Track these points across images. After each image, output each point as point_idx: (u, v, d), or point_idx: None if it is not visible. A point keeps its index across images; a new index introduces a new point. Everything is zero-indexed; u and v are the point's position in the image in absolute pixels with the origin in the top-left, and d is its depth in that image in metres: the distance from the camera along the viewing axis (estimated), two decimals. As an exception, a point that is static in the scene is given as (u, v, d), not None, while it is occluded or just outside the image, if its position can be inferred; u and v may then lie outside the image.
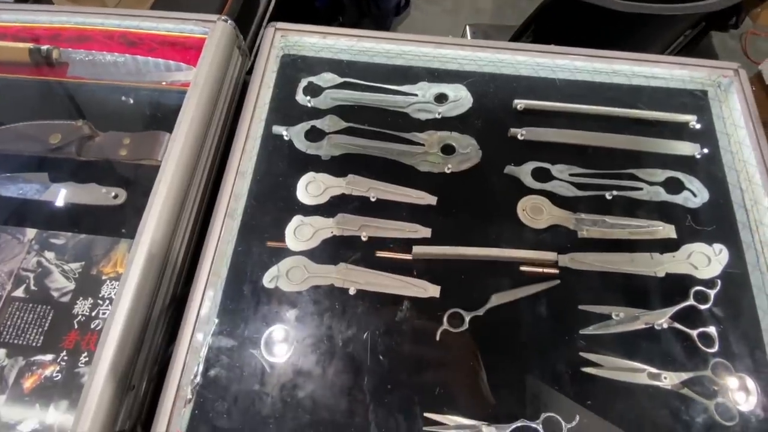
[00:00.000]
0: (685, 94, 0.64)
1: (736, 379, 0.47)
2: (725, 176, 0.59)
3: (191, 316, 0.44)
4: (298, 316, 0.50)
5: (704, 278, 0.53)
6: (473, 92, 0.64)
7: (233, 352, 0.47)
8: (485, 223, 0.56)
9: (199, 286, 0.45)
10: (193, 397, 0.45)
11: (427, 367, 0.49)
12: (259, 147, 0.59)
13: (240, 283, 0.51)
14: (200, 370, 0.45)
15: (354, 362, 0.48)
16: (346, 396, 0.47)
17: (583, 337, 0.50)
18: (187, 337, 0.43)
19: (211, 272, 0.46)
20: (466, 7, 2.30)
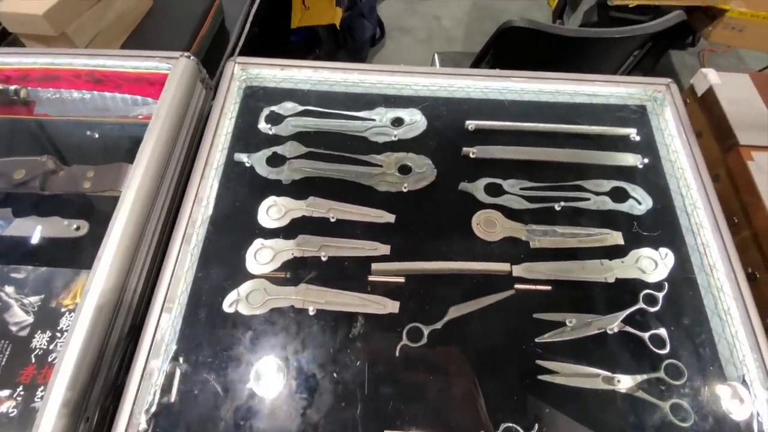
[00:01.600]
0: (626, 109, 0.68)
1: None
2: (667, 183, 0.61)
3: (145, 344, 0.43)
4: (257, 340, 0.49)
5: (652, 282, 0.54)
6: (428, 115, 0.66)
7: (191, 378, 0.46)
8: (442, 238, 0.57)
9: (154, 314, 0.44)
10: (149, 427, 0.44)
11: (387, 383, 0.48)
12: (221, 174, 0.59)
13: (200, 308, 0.51)
14: (156, 398, 0.44)
15: (312, 382, 0.47)
16: (304, 416, 0.45)
17: (538, 345, 0.50)
18: (140, 365, 0.42)
19: (166, 299, 0.45)
20: (438, 36, 2.39)
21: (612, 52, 1.05)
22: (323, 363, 0.48)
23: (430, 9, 2.44)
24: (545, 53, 1.01)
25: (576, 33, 0.91)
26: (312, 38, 1.93)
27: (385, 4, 2.45)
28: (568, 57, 1.03)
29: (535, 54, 1.02)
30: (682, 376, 0.49)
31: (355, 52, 2.09)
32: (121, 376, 0.48)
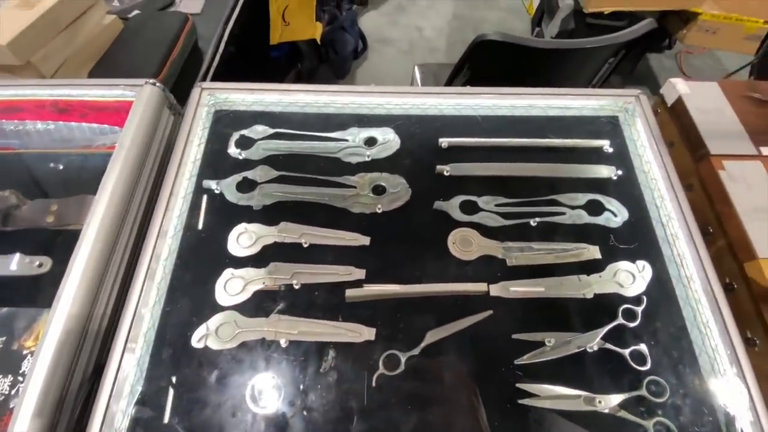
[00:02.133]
0: (598, 121, 0.67)
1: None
2: (642, 194, 0.61)
3: (106, 387, 0.41)
4: (226, 377, 0.47)
5: (631, 296, 0.53)
6: (401, 134, 0.65)
7: (157, 420, 0.44)
8: (418, 259, 0.56)
9: (115, 355, 0.42)
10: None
11: (364, 416, 0.46)
12: (189, 203, 0.58)
13: (167, 345, 0.48)
14: (120, 444, 0.42)
15: (283, 419, 0.45)
16: None
17: (518, 367, 0.49)
18: (101, 409, 0.40)
19: (128, 339, 0.44)
20: (420, 47, 2.41)
21: (586, 61, 1.06)
22: (294, 398, 0.46)
23: (411, 20, 2.46)
24: (521, 65, 1.01)
25: (548, 45, 0.92)
26: (293, 53, 1.93)
27: (366, 17, 2.47)
28: (544, 67, 1.04)
29: (510, 66, 1.02)
30: (664, 392, 0.48)
31: (338, 66, 2.09)
32: (85, 419, 0.46)
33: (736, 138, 0.57)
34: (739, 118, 0.59)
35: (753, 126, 0.58)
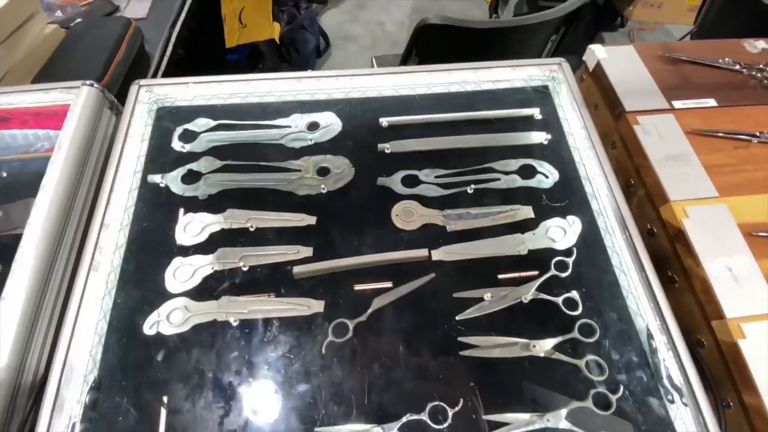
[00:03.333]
0: (529, 91, 0.71)
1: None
2: (571, 156, 0.64)
3: (53, 378, 0.42)
4: (179, 358, 0.48)
5: (562, 249, 0.57)
6: (343, 117, 0.67)
7: (112, 405, 0.45)
8: (363, 233, 0.58)
9: (61, 348, 0.43)
10: (71, 461, 0.42)
11: (315, 382, 0.48)
12: (136, 198, 0.58)
13: (120, 334, 0.50)
14: (76, 429, 0.43)
15: (234, 390, 0.47)
16: (239, 425, 0.45)
17: (460, 322, 0.52)
18: (50, 397, 0.41)
19: (75, 328, 0.44)
20: (382, 41, 2.43)
21: (529, 40, 1.10)
22: (246, 372, 0.48)
23: (372, 16, 2.47)
24: (465, 46, 1.04)
25: (486, 24, 0.95)
26: (254, 55, 1.92)
27: (327, 15, 2.47)
28: (488, 48, 1.07)
29: (455, 48, 1.05)
30: (594, 333, 0.51)
31: (301, 65, 2.09)
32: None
33: (650, 95, 0.61)
34: (652, 76, 0.62)
35: (666, 83, 0.62)
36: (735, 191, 0.53)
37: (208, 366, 0.48)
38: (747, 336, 0.43)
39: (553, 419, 0.46)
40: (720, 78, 0.64)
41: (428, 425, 0.45)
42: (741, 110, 0.60)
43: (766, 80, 0.63)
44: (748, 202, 0.52)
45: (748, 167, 0.55)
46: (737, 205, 0.51)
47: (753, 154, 0.56)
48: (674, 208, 0.51)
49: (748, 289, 0.46)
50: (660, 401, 0.47)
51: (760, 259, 0.48)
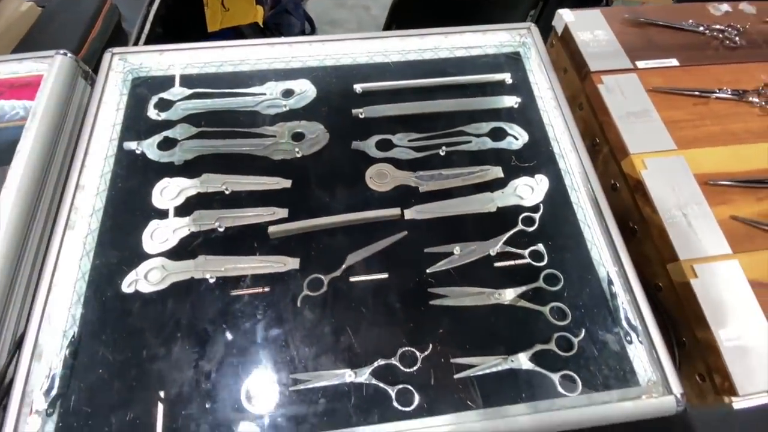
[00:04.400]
0: (501, 57, 0.72)
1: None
2: (541, 118, 0.66)
3: (32, 329, 0.43)
4: (157, 313, 0.50)
5: (530, 205, 0.58)
6: (317, 84, 0.67)
7: (93, 358, 0.47)
8: (338, 195, 0.59)
9: (39, 301, 0.44)
10: (54, 409, 0.44)
11: (290, 332, 0.50)
12: (112, 164, 0.59)
13: (99, 293, 0.51)
14: (56, 381, 0.44)
15: (224, 343, 0.48)
16: (220, 377, 0.47)
17: (430, 275, 0.54)
18: (27, 352, 0.42)
19: (52, 285, 0.45)
20: (368, 25, 2.40)
21: (507, 14, 1.10)
22: (224, 324, 0.49)
23: (358, 0, 2.45)
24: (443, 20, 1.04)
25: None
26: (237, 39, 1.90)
27: (313, 0, 2.44)
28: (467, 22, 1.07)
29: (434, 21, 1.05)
30: (558, 282, 0.53)
31: (286, 49, 2.08)
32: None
33: (615, 56, 0.62)
34: (618, 39, 0.64)
35: (630, 44, 0.64)
36: (693, 144, 0.54)
37: (186, 320, 0.49)
38: (699, 276, 0.46)
39: (517, 360, 0.48)
40: (683, 39, 0.65)
41: (399, 369, 0.47)
42: (702, 69, 0.61)
43: (728, 41, 0.65)
44: (705, 154, 0.54)
45: (707, 122, 0.57)
46: (694, 157, 0.53)
47: (712, 110, 0.58)
48: (634, 160, 0.53)
49: (701, 233, 0.48)
50: (619, 342, 0.49)
51: (714, 206, 0.50)
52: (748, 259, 0.47)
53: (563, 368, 0.47)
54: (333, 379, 0.46)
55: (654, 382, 0.44)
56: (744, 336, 0.43)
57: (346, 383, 0.46)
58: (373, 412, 0.45)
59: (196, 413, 0.43)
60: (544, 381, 0.47)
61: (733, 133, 0.56)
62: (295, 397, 0.46)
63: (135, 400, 0.44)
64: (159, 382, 0.46)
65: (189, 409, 0.43)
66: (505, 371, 0.47)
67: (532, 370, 0.47)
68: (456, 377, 0.47)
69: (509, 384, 0.47)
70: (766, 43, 0.65)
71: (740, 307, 0.45)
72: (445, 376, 0.47)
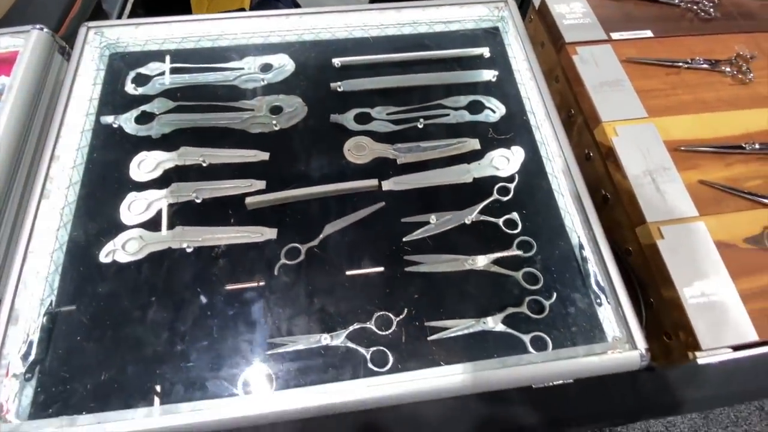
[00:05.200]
0: (480, 32, 0.72)
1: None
2: (518, 92, 0.66)
3: (8, 294, 0.43)
4: (135, 282, 0.50)
5: (505, 176, 0.59)
6: (296, 59, 0.67)
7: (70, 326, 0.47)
8: (316, 168, 0.59)
9: (15, 269, 0.44)
10: (33, 374, 0.44)
11: (268, 299, 0.50)
12: (90, 138, 0.59)
13: (76, 263, 0.51)
14: (33, 348, 0.44)
15: (200, 310, 0.49)
16: (196, 341, 0.47)
17: (407, 244, 0.54)
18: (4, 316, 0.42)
19: (26, 257, 0.45)
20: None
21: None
22: (200, 291, 0.49)
23: (346, -13, 2.43)
24: None
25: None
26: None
27: (300, -14, 2.42)
28: None
29: None
30: (531, 248, 0.54)
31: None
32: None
33: (590, 28, 0.62)
34: (594, 11, 0.64)
35: (606, 17, 0.64)
36: (664, 113, 0.55)
37: (162, 286, 0.50)
38: (665, 237, 0.47)
39: (490, 322, 0.49)
40: (658, 12, 0.65)
41: (374, 332, 0.48)
42: (676, 40, 0.62)
43: (702, 12, 0.65)
44: (676, 122, 0.54)
45: (678, 91, 0.57)
46: (665, 125, 0.54)
47: (684, 80, 0.59)
48: (605, 128, 0.53)
49: (669, 197, 0.49)
50: (590, 305, 0.50)
51: (683, 171, 0.51)
52: (715, 221, 0.48)
53: (534, 330, 0.48)
54: (309, 343, 0.47)
55: (619, 338, 0.45)
56: (708, 293, 0.44)
57: (322, 346, 0.47)
58: (347, 372, 0.46)
59: (170, 373, 0.44)
60: (516, 342, 0.48)
61: (705, 102, 0.57)
62: (271, 359, 0.46)
63: (111, 364, 0.45)
64: (135, 345, 0.46)
65: (164, 369, 0.44)
66: (478, 333, 0.48)
67: (504, 332, 0.48)
68: (430, 339, 0.48)
69: (481, 345, 0.48)
70: (741, 15, 0.66)
71: (705, 266, 0.46)
72: (419, 338, 0.48)
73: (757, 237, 0.48)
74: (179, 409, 0.40)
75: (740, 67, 0.59)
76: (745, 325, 0.44)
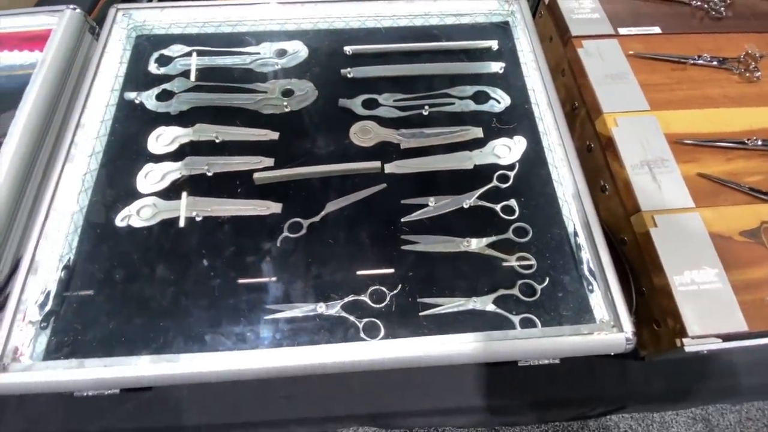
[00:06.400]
0: (490, 26, 0.73)
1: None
2: (524, 84, 0.67)
3: (30, 246, 0.47)
4: (148, 245, 0.53)
5: (506, 164, 0.60)
6: (310, 46, 0.70)
7: (86, 280, 0.50)
8: (322, 148, 0.61)
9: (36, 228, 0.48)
10: (48, 323, 0.48)
11: (268, 268, 0.53)
12: (113, 112, 0.63)
13: (95, 226, 0.54)
14: (50, 300, 0.48)
15: (205, 272, 0.51)
16: (199, 300, 0.50)
17: (405, 224, 0.56)
18: (23, 271, 0.46)
19: (49, 213, 0.49)
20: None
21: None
22: (206, 257, 0.52)
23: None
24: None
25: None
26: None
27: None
28: None
29: None
30: (527, 234, 0.55)
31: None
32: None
33: (598, 23, 0.63)
34: (602, 6, 0.65)
35: (615, 13, 0.64)
36: (667, 106, 0.55)
37: (172, 251, 0.53)
38: (659, 225, 0.47)
39: (481, 302, 0.50)
40: (668, 9, 0.66)
41: (368, 304, 0.50)
42: (684, 37, 0.62)
43: (713, 11, 0.65)
44: (678, 116, 0.55)
45: (683, 86, 0.57)
46: (666, 118, 0.54)
47: (689, 75, 0.59)
48: (606, 119, 0.54)
49: (666, 188, 0.49)
50: (581, 290, 0.51)
51: (682, 163, 0.51)
52: (711, 213, 0.48)
53: (524, 312, 0.49)
54: (305, 311, 0.49)
55: (606, 321, 0.45)
56: (698, 282, 0.45)
57: (318, 314, 0.49)
58: (339, 339, 0.48)
59: (173, 327, 0.47)
60: (505, 322, 0.49)
61: (710, 98, 0.57)
62: (268, 322, 0.49)
63: (121, 317, 0.48)
64: (142, 300, 0.49)
65: (167, 323, 0.47)
66: (468, 311, 0.50)
67: (494, 312, 0.50)
68: (421, 314, 0.49)
69: (471, 322, 0.49)
70: (753, 15, 0.66)
71: (698, 256, 0.46)
72: (410, 313, 0.50)
73: (754, 231, 0.48)
74: (178, 359, 0.43)
75: (748, 66, 0.59)
76: (735, 315, 0.44)
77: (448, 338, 0.44)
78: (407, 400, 0.50)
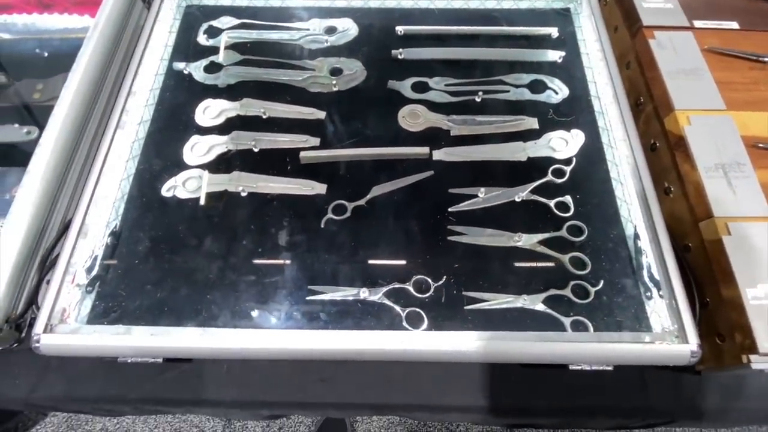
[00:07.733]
0: (550, 12, 0.70)
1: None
2: (584, 75, 0.64)
3: (81, 210, 0.47)
4: (193, 216, 0.53)
5: (562, 158, 0.57)
6: (360, 24, 0.68)
7: (130, 248, 0.51)
8: (370, 130, 0.60)
9: (87, 193, 0.48)
10: (93, 288, 0.48)
11: (312, 249, 0.52)
12: (162, 81, 0.62)
13: (141, 194, 0.54)
14: (97, 262, 0.48)
15: (249, 248, 0.51)
16: (243, 275, 0.49)
17: (452, 214, 0.54)
18: (73, 233, 0.46)
19: (99, 179, 0.49)
20: None
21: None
22: (249, 234, 0.52)
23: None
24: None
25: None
26: None
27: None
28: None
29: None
30: (582, 233, 0.52)
31: None
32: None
33: (671, 13, 0.59)
34: (677, -4, 0.61)
35: (689, 4, 0.60)
36: (743, 107, 0.51)
37: (217, 224, 0.52)
38: (732, 233, 0.44)
39: (530, 300, 0.48)
40: (747, 4, 0.61)
41: (411, 293, 0.49)
42: (763, 35, 0.57)
43: (799, 7, 0.60)
44: (756, 117, 0.51)
45: (761, 87, 0.53)
46: (744, 119, 0.50)
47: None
48: (678, 116, 0.50)
49: (741, 193, 0.46)
50: (638, 296, 0.48)
51: (759, 169, 0.47)
52: (789, 224, 0.45)
53: (576, 314, 0.47)
54: (347, 294, 0.48)
55: (670, 331, 0.43)
56: (772, 297, 0.42)
57: (360, 299, 0.48)
58: (382, 327, 0.46)
59: (219, 300, 0.46)
60: (555, 323, 0.47)
61: (792, 101, 0.52)
62: (309, 303, 0.48)
63: (165, 287, 0.48)
64: (187, 272, 0.49)
65: (213, 296, 0.47)
66: (516, 309, 0.48)
67: (544, 312, 0.48)
68: (466, 308, 0.48)
69: (518, 321, 0.47)
70: None
71: (773, 270, 0.43)
72: (455, 306, 0.48)
73: (836, 246, 0.44)
74: (222, 333, 0.42)
75: (838, 68, 0.54)
76: (811, 335, 0.41)
77: (496, 334, 0.43)
78: (446, 394, 0.49)
